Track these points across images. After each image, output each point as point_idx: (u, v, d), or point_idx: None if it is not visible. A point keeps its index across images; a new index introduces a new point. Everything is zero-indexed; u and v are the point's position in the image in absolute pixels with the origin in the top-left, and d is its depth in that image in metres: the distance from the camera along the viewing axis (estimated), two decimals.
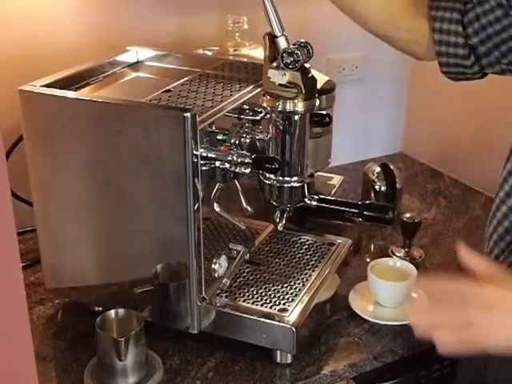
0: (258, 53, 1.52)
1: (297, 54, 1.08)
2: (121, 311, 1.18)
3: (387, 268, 1.38)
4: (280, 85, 1.11)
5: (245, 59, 1.44)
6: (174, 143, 1.09)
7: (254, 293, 1.25)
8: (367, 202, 1.22)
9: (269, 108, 1.15)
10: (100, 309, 1.26)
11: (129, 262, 1.22)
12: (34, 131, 1.21)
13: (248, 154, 1.13)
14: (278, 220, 1.24)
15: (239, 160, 1.13)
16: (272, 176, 1.18)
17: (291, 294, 1.26)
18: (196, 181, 1.11)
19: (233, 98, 1.23)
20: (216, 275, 1.21)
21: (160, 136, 1.10)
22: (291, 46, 1.10)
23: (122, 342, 1.11)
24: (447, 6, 1.14)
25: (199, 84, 1.31)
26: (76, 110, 1.18)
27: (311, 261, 1.36)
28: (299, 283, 1.29)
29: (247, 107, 1.22)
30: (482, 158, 1.80)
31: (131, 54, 1.41)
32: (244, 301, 1.23)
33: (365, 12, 1.18)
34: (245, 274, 1.31)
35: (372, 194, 1.66)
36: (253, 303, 1.22)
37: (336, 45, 1.85)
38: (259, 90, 1.22)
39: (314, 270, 1.33)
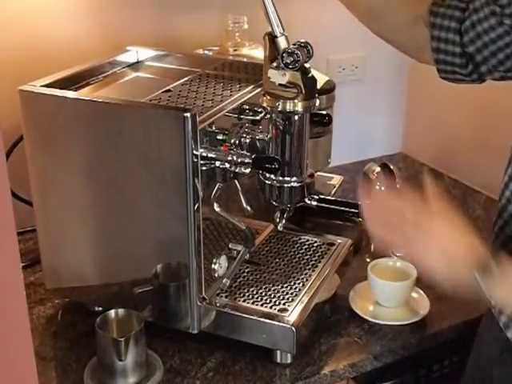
0: (258, 53, 1.52)
1: (297, 54, 1.08)
2: (121, 311, 1.18)
3: (387, 268, 1.38)
4: (280, 85, 1.11)
5: (245, 59, 1.44)
6: (174, 143, 1.09)
7: (254, 293, 1.25)
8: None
9: (269, 108, 1.15)
10: (100, 309, 1.26)
11: (129, 262, 1.22)
12: (33, 131, 1.21)
13: (248, 154, 1.13)
14: (278, 220, 1.24)
15: (239, 160, 1.13)
16: (272, 176, 1.18)
17: (291, 294, 1.26)
18: (196, 181, 1.11)
19: (233, 98, 1.23)
20: (216, 275, 1.21)
21: (160, 136, 1.10)
22: (291, 46, 1.10)
23: (122, 342, 1.11)
24: (446, 13, 1.13)
25: (199, 84, 1.31)
26: (76, 110, 1.18)
27: (311, 261, 1.36)
28: (299, 283, 1.29)
29: (247, 107, 1.22)
30: (482, 157, 1.80)
31: (131, 54, 1.41)
32: (244, 301, 1.23)
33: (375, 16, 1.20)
34: (245, 274, 1.31)
35: None
36: (253, 303, 1.22)
37: (336, 45, 1.85)
38: (259, 89, 1.22)
39: (313, 270, 1.33)
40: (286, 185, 1.18)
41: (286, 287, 1.27)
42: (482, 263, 0.94)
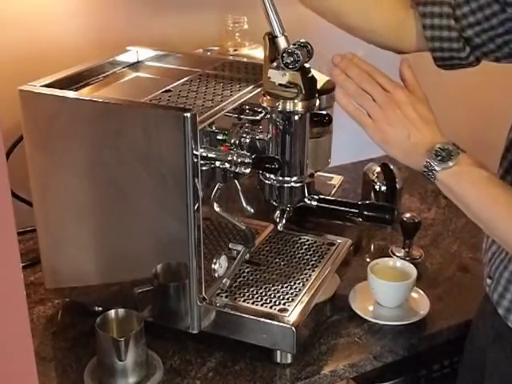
0: (258, 53, 1.52)
1: (297, 53, 1.08)
2: (121, 311, 1.18)
3: (387, 268, 1.38)
4: (280, 85, 1.11)
5: (245, 59, 1.44)
6: (174, 143, 1.09)
7: (254, 293, 1.25)
8: (367, 202, 1.22)
9: (269, 108, 1.15)
10: (100, 309, 1.26)
11: (129, 262, 1.22)
12: (34, 131, 1.21)
13: (248, 154, 1.13)
14: (277, 220, 1.24)
15: (239, 160, 1.13)
16: (272, 176, 1.18)
17: (291, 293, 1.26)
18: (196, 181, 1.11)
19: (233, 98, 1.23)
20: (216, 275, 1.21)
21: (160, 136, 1.10)
22: (291, 46, 1.10)
23: (122, 342, 1.11)
24: (435, 0, 1.12)
25: (199, 84, 1.31)
26: (76, 110, 1.18)
27: (311, 261, 1.36)
28: (299, 283, 1.29)
29: (247, 107, 1.22)
30: (482, 157, 1.79)
31: (131, 54, 1.41)
32: (244, 301, 1.23)
33: (339, 7, 1.19)
34: (245, 274, 1.31)
35: (372, 194, 1.66)
36: (253, 303, 1.22)
37: (336, 45, 1.84)
38: (259, 89, 1.22)
39: (314, 270, 1.33)
40: (286, 185, 1.18)
41: (286, 287, 1.27)
42: (440, 150, 0.99)
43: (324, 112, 1.29)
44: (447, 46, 1.13)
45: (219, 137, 1.17)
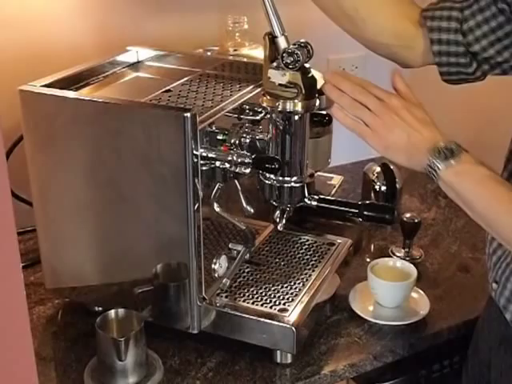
0: (258, 53, 1.52)
1: (297, 54, 1.08)
2: (121, 311, 1.18)
3: (387, 268, 1.38)
4: (280, 85, 1.11)
5: (245, 59, 1.44)
6: (174, 143, 1.09)
7: (254, 293, 1.25)
8: (367, 202, 1.22)
9: (269, 108, 1.15)
10: (100, 309, 1.26)
11: (129, 262, 1.22)
12: (34, 131, 1.21)
13: (248, 154, 1.13)
14: (278, 220, 1.24)
15: (239, 160, 1.13)
16: (272, 176, 1.18)
17: (291, 294, 1.26)
18: (196, 181, 1.11)
19: (233, 98, 1.23)
20: (216, 275, 1.21)
21: (160, 136, 1.10)
22: (291, 46, 1.10)
23: (122, 342, 1.11)
24: (443, 15, 1.12)
25: (199, 84, 1.31)
26: (76, 110, 1.18)
27: (311, 261, 1.36)
28: (299, 283, 1.29)
29: (247, 107, 1.22)
30: (482, 157, 1.80)
31: (131, 54, 1.41)
32: (244, 301, 1.23)
33: (357, 17, 1.18)
34: (245, 274, 1.31)
35: (372, 194, 1.66)
36: (253, 303, 1.22)
37: (336, 45, 1.84)
38: (259, 89, 1.22)
39: (313, 270, 1.33)
40: (286, 185, 1.18)
41: (286, 287, 1.27)
42: (443, 148, 0.99)
43: (324, 112, 1.29)
44: (454, 60, 1.13)
45: (219, 137, 1.17)
